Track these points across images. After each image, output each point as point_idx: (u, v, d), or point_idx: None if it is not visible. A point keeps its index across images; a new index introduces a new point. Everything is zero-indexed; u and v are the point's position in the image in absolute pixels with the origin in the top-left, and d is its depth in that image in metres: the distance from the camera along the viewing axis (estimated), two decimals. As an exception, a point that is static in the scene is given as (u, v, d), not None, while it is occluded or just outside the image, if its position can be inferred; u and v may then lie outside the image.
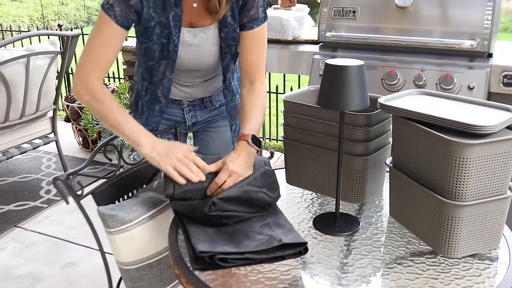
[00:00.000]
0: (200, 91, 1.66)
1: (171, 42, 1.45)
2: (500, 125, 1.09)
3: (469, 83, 2.07)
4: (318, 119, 1.37)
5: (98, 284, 2.37)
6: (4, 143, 3.02)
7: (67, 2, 11.85)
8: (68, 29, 10.60)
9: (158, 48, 1.46)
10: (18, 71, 2.85)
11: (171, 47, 1.46)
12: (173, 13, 1.42)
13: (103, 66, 1.41)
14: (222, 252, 1.13)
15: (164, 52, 1.47)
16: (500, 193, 1.14)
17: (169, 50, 1.46)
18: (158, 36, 1.44)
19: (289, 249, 1.15)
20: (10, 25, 8.27)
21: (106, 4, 1.37)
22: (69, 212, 2.99)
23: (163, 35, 1.44)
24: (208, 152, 1.78)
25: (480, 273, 1.11)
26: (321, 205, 1.43)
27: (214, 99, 1.70)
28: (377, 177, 1.42)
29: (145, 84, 1.60)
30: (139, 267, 1.40)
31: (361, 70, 1.15)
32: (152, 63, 1.50)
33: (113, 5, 1.37)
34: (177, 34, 1.45)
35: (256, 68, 1.53)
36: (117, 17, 1.38)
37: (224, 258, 1.12)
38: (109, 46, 1.40)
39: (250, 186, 1.28)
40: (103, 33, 1.39)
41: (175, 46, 1.46)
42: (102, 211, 1.35)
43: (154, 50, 1.46)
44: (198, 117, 1.71)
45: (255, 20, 1.49)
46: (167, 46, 1.46)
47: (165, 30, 1.43)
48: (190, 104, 1.68)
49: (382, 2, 2.26)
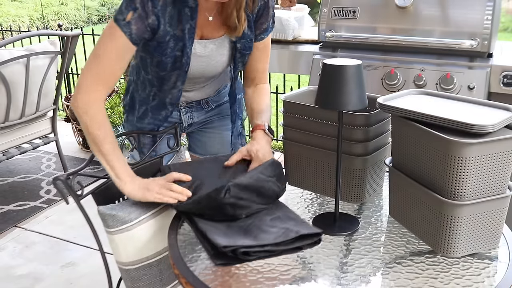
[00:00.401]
0: (198, 95, 1.66)
1: (185, 55, 1.42)
2: (499, 124, 1.09)
3: (469, 83, 2.07)
4: (317, 119, 1.37)
5: (98, 284, 2.37)
6: (4, 143, 3.03)
7: (67, 2, 11.85)
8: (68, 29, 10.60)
9: (170, 61, 1.43)
10: (18, 71, 2.85)
11: (184, 59, 1.43)
12: (188, 25, 1.39)
13: (109, 86, 1.36)
14: (244, 245, 1.13)
15: (177, 64, 1.44)
16: (499, 192, 1.14)
17: (182, 62, 1.44)
18: (172, 50, 1.41)
19: (306, 239, 1.17)
20: (10, 25, 8.27)
21: (123, 20, 1.31)
22: (69, 212, 3.00)
23: (177, 48, 1.41)
24: (204, 152, 1.78)
25: (480, 273, 1.11)
26: (320, 205, 1.43)
27: (210, 100, 1.71)
28: (376, 177, 1.42)
29: (154, 90, 1.57)
30: (139, 267, 1.40)
31: (359, 69, 1.15)
32: (163, 73, 1.47)
33: (131, 22, 1.31)
34: (190, 46, 1.43)
35: (262, 74, 1.62)
36: (132, 35, 1.32)
37: (246, 252, 1.12)
38: (119, 64, 1.35)
39: (261, 175, 1.31)
40: (115, 49, 1.33)
41: (187, 58, 1.44)
42: (102, 211, 1.35)
43: (167, 63, 1.43)
44: (195, 118, 1.72)
45: (265, 30, 1.54)
46: (180, 58, 1.43)
47: (179, 43, 1.40)
48: (187, 106, 1.68)
49: (382, 2, 2.25)
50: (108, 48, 1.34)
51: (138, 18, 1.32)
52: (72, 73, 5.01)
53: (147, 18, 1.33)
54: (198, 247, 1.22)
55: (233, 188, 1.24)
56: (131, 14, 1.31)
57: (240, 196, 1.25)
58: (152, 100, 1.60)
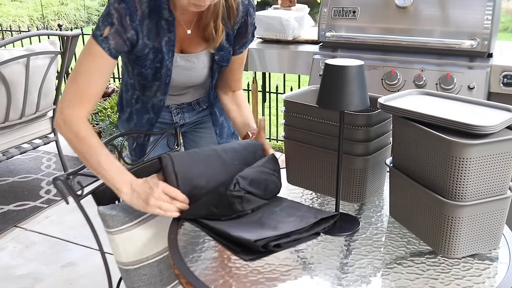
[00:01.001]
0: (187, 97, 1.67)
1: (164, 67, 1.44)
2: (500, 125, 1.09)
3: (469, 83, 2.07)
4: (318, 119, 1.37)
5: (98, 284, 2.37)
6: (4, 143, 3.02)
7: (67, 2, 11.85)
8: (68, 29, 10.60)
9: (151, 72, 1.45)
10: (18, 71, 2.85)
11: (163, 71, 1.45)
12: (166, 38, 1.41)
13: (91, 102, 1.34)
14: (274, 236, 1.14)
15: (157, 75, 1.46)
16: (500, 193, 1.14)
17: (162, 73, 1.46)
18: (151, 62, 1.43)
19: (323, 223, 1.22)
20: (10, 25, 8.27)
21: (100, 36, 1.31)
22: (69, 212, 3.00)
23: (156, 59, 1.43)
24: None
25: (480, 273, 1.11)
26: (321, 205, 1.43)
27: (201, 101, 1.71)
28: (377, 177, 1.42)
29: (137, 93, 1.59)
30: (139, 267, 1.40)
31: (361, 70, 1.15)
32: (144, 82, 1.50)
33: (108, 37, 1.31)
34: (170, 59, 1.44)
35: (239, 82, 1.67)
36: (111, 50, 1.32)
37: (277, 244, 1.14)
38: (99, 80, 1.34)
39: (264, 168, 1.33)
40: (95, 65, 1.33)
41: (167, 70, 1.45)
42: (102, 211, 1.35)
43: (147, 74, 1.46)
44: (186, 119, 1.72)
45: (245, 44, 1.56)
46: (160, 69, 1.45)
47: (158, 55, 1.42)
48: (178, 107, 1.68)
49: (382, 2, 2.26)
50: (88, 65, 1.33)
51: (116, 33, 1.32)
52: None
53: (125, 32, 1.33)
54: (199, 247, 1.22)
55: (241, 181, 1.25)
56: (108, 29, 1.31)
57: (248, 190, 1.26)
58: (135, 103, 1.62)
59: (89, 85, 1.33)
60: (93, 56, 1.32)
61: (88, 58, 1.33)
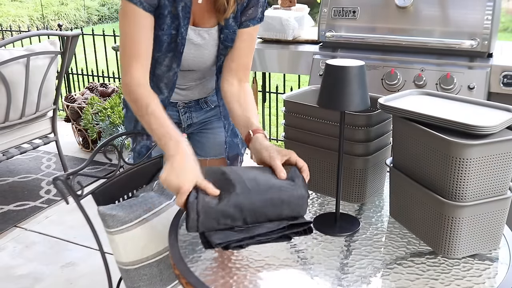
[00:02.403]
0: (195, 93, 1.66)
1: (179, 34, 1.44)
2: (500, 125, 1.09)
3: (469, 83, 2.07)
4: (319, 119, 1.37)
5: (98, 284, 2.37)
6: (4, 143, 3.02)
7: (67, 2, 11.85)
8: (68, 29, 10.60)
9: (167, 40, 1.44)
10: (18, 71, 2.85)
11: (179, 39, 1.45)
12: (182, 3, 1.41)
13: (143, 59, 1.38)
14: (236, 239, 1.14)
15: (172, 45, 1.46)
16: (500, 194, 1.14)
17: (177, 42, 1.45)
18: (168, 26, 1.42)
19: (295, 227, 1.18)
20: (10, 25, 8.27)
21: None
22: (69, 212, 2.99)
23: (173, 26, 1.43)
24: (203, 153, 1.78)
25: (481, 274, 1.11)
26: (321, 205, 1.43)
27: (209, 100, 1.70)
28: (377, 177, 1.42)
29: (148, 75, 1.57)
30: (139, 267, 1.40)
31: (361, 70, 1.15)
32: (158, 54, 1.47)
33: None
34: (186, 26, 1.44)
35: (246, 70, 1.56)
36: (143, 4, 1.34)
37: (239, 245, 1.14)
38: (143, 36, 1.37)
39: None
40: (133, 23, 1.36)
41: (182, 38, 1.45)
42: (102, 211, 1.35)
43: (163, 41, 1.45)
44: (194, 119, 1.71)
45: (252, 18, 1.50)
46: (175, 38, 1.44)
47: (174, 21, 1.42)
48: (186, 106, 1.67)
49: (382, 2, 2.25)
50: (126, 25, 1.36)
51: None
52: (72, 73, 5.01)
53: None
54: (199, 247, 1.22)
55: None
56: None
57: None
58: None
59: (134, 44, 1.36)
60: (129, 15, 1.36)
61: (124, 20, 1.37)
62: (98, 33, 4.65)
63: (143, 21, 1.37)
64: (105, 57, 4.72)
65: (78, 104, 3.83)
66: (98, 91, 4.04)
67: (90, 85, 4.19)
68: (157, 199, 1.45)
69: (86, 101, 3.86)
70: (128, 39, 1.37)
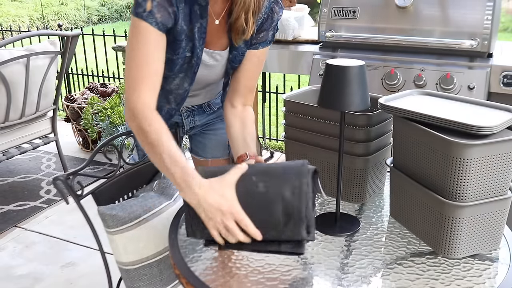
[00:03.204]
0: (200, 99, 1.66)
1: (195, 55, 1.39)
2: (501, 125, 1.09)
3: (469, 83, 2.07)
4: (319, 119, 1.37)
5: (98, 284, 2.37)
6: (4, 143, 3.02)
7: (67, 2, 11.85)
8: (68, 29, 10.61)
9: (180, 62, 1.40)
10: (18, 71, 2.85)
11: (194, 60, 1.40)
12: (198, 25, 1.35)
13: (152, 83, 1.27)
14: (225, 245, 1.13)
15: (185, 66, 1.42)
16: (500, 194, 1.14)
17: (192, 63, 1.41)
18: (183, 50, 1.37)
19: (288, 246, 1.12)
20: (10, 25, 8.27)
21: (143, 12, 1.24)
22: (69, 212, 2.99)
23: (187, 48, 1.38)
24: (205, 154, 1.78)
25: (481, 274, 1.11)
26: (321, 205, 1.43)
27: (212, 103, 1.70)
28: (377, 177, 1.42)
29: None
30: (139, 267, 1.40)
31: (362, 70, 1.15)
32: (169, 73, 1.43)
33: (153, 11, 1.24)
34: (201, 47, 1.39)
35: (251, 92, 1.52)
36: (158, 23, 1.25)
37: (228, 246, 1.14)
38: (155, 57, 1.27)
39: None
40: (145, 43, 1.25)
41: (198, 59, 1.40)
42: (102, 211, 1.35)
43: (177, 63, 1.40)
44: (197, 122, 1.71)
45: (263, 41, 1.46)
46: (190, 59, 1.40)
47: (189, 44, 1.37)
48: (189, 110, 1.67)
49: (382, 2, 2.26)
50: (138, 44, 1.26)
51: (159, 5, 1.25)
52: (72, 73, 5.01)
53: (169, 5, 1.27)
54: (199, 247, 1.22)
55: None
56: (150, 3, 1.24)
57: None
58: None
59: (146, 65, 1.26)
60: (141, 34, 1.25)
61: (136, 38, 1.26)
62: (98, 33, 4.65)
63: (157, 42, 1.27)
64: (105, 57, 4.72)
65: (78, 104, 3.83)
66: (98, 91, 4.04)
67: (90, 85, 4.19)
68: (157, 199, 1.45)
69: (86, 101, 3.86)
70: (139, 59, 1.26)
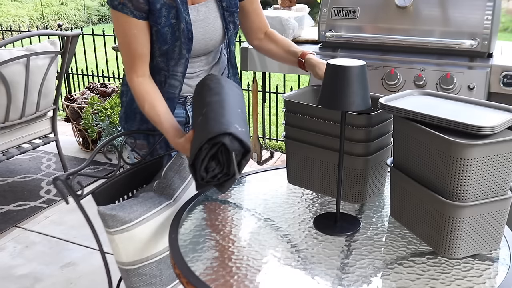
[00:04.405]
0: None
1: (182, 20, 1.45)
2: (501, 125, 1.09)
3: (469, 83, 2.07)
4: (319, 119, 1.37)
5: (98, 284, 2.37)
6: (4, 143, 3.02)
7: (67, 2, 11.84)
8: (68, 29, 10.60)
9: (169, 31, 1.46)
10: (18, 71, 2.85)
11: (183, 25, 1.45)
12: None
13: (142, 61, 1.46)
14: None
15: (176, 33, 1.47)
16: (501, 194, 1.14)
17: (181, 29, 1.46)
18: (166, 18, 1.44)
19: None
20: (10, 25, 8.27)
21: (118, 4, 1.39)
22: (69, 212, 2.99)
23: (171, 15, 1.44)
24: None
25: (481, 274, 1.11)
26: (321, 205, 1.43)
27: None
28: (378, 177, 1.42)
29: (163, 73, 1.56)
30: (139, 267, 1.40)
31: (363, 70, 1.15)
32: (166, 47, 1.49)
33: (125, 2, 1.38)
34: (186, 12, 1.45)
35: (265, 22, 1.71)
36: (133, 12, 1.39)
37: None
38: (139, 42, 1.43)
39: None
40: (128, 31, 1.42)
41: (187, 23, 1.46)
42: (102, 211, 1.35)
43: (165, 33, 1.46)
44: None
45: None
46: (177, 26, 1.45)
47: (171, 11, 1.44)
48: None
49: (382, 2, 2.25)
50: (122, 35, 1.44)
51: None
52: (72, 73, 5.01)
53: None
54: (199, 247, 1.22)
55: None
56: None
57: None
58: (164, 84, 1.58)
59: (133, 50, 1.44)
60: (122, 24, 1.42)
61: (119, 29, 1.43)
62: (98, 33, 4.65)
63: (137, 29, 1.43)
64: (105, 57, 4.72)
65: (78, 104, 3.83)
66: (98, 91, 4.04)
67: (90, 85, 4.19)
68: (157, 199, 1.45)
69: (86, 101, 3.86)
70: (126, 47, 1.45)
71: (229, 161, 1.23)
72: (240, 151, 1.23)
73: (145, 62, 1.47)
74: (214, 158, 1.24)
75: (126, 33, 1.42)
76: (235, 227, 1.33)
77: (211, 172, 1.25)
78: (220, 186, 1.28)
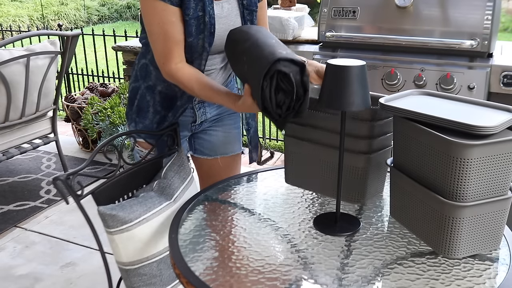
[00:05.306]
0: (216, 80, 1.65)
1: (207, 13, 1.47)
2: (501, 126, 1.09)
3: (469, 83, 2.07)
4: (319, 117, 1.36)
5: (98, 284, 2.37)
6: (4, 143, 3.02)
7: (67, 2, 11.84)
8: (68, 29, 10.60)
9: (195, 23, 1.47)
10: (18, 71, 2.84)
11: (207, 19, 1.47)
12: None
13: (179, 48, 1.45)
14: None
15: (201, 26, 1.48)
16: (501, 194, 1.14)
17: (205, 22, 1.48)
18: (194, 10, 1.45)
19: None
20: (10, 25, 8.27)
21: None
22: (69, 212, 2.99)
23: (198, 7, 1.46)
24: (212, 153, 1.78)
25: (481, 274, 1.11)
26: (321, 205, 1.43)
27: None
28: (378, 177, 1.41)
29: None
30: (139, 267, 1.40)
31: (363, 70, 1.15)
32: (190, 39, 1.50)
33: None
34: (211, 6, 1.47)
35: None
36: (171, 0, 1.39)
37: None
38: (175, 29, 1.43)
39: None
40: (163, 19, 1.41)
41: (210, 17, 1.48)
42: (102, 211, 1.35)
43: (191, 25, 1.47)
44: (208, 114, 1.71)
45: None
46: (203, 19, 1.47)
47: (199, 3, 1.45)
48: (200, 101, 1.67)
49: (382, 2, 2.26)
50: (159, 24, 1.43)
51: None
52: (72, 73, 5.01)
53: None
54: (199, 247, 1.22)
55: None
56: None
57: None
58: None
59: (171, 37, 1.44)
60: (159, 13, 1.41)
61: (155, 18, 1.43)
62: (98, 33, 4.65)
63: (174, 16, 1.42)
64: (105, 57, 4.72)
65: (78, 104, 3.83)
66: (98, 91, 4.04)
67: (90, 85, 4.19)
68: (157, 199, 1.45)
69: (86, 101, 3.85)
70: (162, 35, 1.43)
71: (292, 84, 1.24)
72: (296, 70, 1.25)
73: (182, 49, 1.47)
74: (278, 92, 1.26)
75: (164, 21, 1.42)
76: (235, 227, 1.33)
77: (285, 105, 1.26)
78: (299, 112, 1.29)
